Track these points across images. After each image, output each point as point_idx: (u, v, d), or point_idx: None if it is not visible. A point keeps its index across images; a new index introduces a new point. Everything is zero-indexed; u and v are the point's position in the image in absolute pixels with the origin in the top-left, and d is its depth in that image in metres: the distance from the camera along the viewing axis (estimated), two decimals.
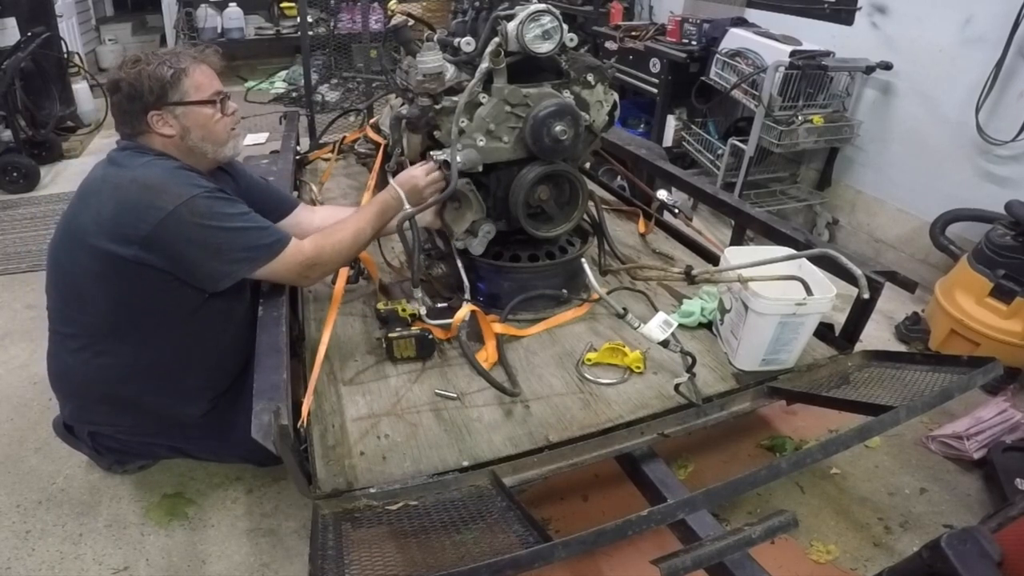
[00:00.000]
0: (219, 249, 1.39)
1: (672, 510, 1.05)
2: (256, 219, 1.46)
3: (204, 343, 1.57)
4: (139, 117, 1.43)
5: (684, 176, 2.28)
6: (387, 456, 1.33)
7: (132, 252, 1.36)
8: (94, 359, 1.54)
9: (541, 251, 1.79)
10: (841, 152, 3.10)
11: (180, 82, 1.43)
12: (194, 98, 1.45)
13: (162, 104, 1.43)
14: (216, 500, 1.77)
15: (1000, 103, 2.41)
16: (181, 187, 1.37)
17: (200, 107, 1.46)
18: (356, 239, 1.55)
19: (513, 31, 1.52)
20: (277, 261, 1.43)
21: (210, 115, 1.48)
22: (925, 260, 2.74)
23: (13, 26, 3.89)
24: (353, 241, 1.54)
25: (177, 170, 1.43)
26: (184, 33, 5.56)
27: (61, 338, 1.58)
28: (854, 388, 1.48)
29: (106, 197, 1.39)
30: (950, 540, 1.15)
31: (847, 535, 1.65)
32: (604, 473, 1.73)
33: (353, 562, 1.03)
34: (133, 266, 1.38)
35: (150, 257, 1.37)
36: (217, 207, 1.39)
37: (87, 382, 1.59)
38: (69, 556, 1.61)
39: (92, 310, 1.49)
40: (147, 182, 1.37)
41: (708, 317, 1.75)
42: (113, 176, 1.41)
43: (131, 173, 1.39)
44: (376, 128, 2.71)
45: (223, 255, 1.40)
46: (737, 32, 3.17)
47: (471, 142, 1.58)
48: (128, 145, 1.48)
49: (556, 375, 1.56)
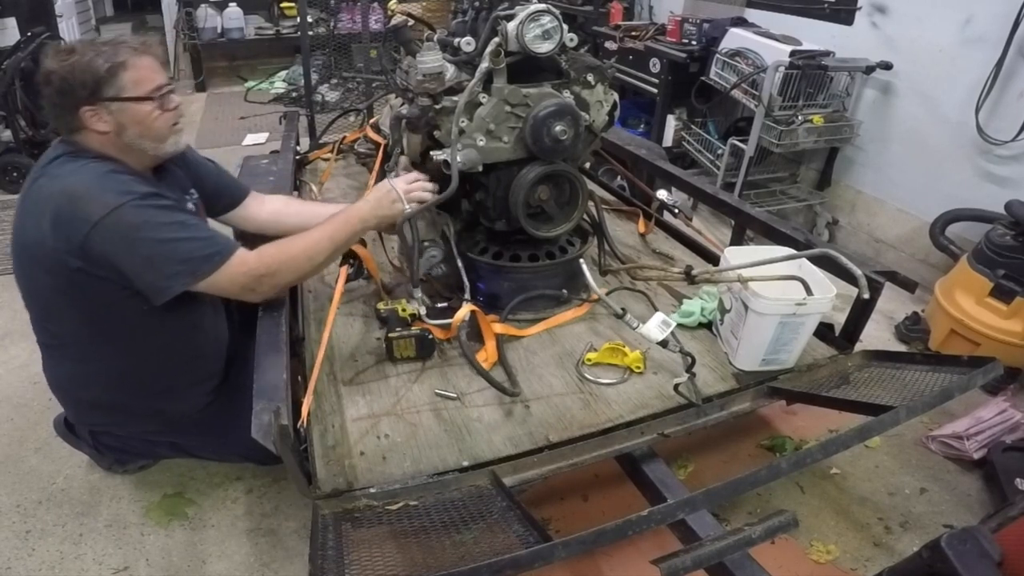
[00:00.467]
0: (152, 261, 1.30)
1: (672, 510, 1.05)
2: (195, 229, 1.37)
3: (181, 343, 1.53)
4: (72, 113, 1.33)
5: (684, 176, 2.28)
6: (387, 456, 1.33)
7: (77, 264, 1.31)
8: (78, 368, 1.54)
9: (541, 251, 1.79)
10: (841, 152, 3.10)
11: (116, 76, 1.32)
12: (131, 94, 1.34)
13: (96, 99, 1.32)
14: (216, 500, 1.77)
15: (1000, 103, 2.41)
16: (108, 195, 1.28)
17: (137, 104, 1.35)
18: (311, 255, 1.45)
19: (513, 31, 1.52)
20: (219, 274, 1.34)
21: (148, 112, 1.37)
22: (925, 260, 2.74)
23: (13, 26, 3.89)
24: (307, 258, 1.44)
25: (107, 175, 1.32)
26: (184, 33, 5.57)
27: (46, 349, 1.58)
28: (854, 388, 1.48)
29: (42, 210, 1.31)
30: (950, 540, 1.15)
31: (847, 535, 1.65)
32: (604, 473, 1.73)
33: (353, 562, 1.03)
34: (84, 276, 1.33)
35: (93, 268, 1.32)
36: (149, 216, 1.30)
37: (77, 390, 1.61)
38: (69, 556, 1.61)
39: (64, 322, 1.48)
40: (74, 192, 1.29)
41: (708, 317, 1.75)
42: (46, 187, 1.33)
43: (60, 184, 1.31)
44: (376, 128, 2.71)
45: (157, 268, 1.31)
46: (737, 32, 3.17)
47: (471, 142, 1.58)
48: (61, 151, 1.38)
49: (556, 375, 1.56)
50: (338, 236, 1.50)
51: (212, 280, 1.35)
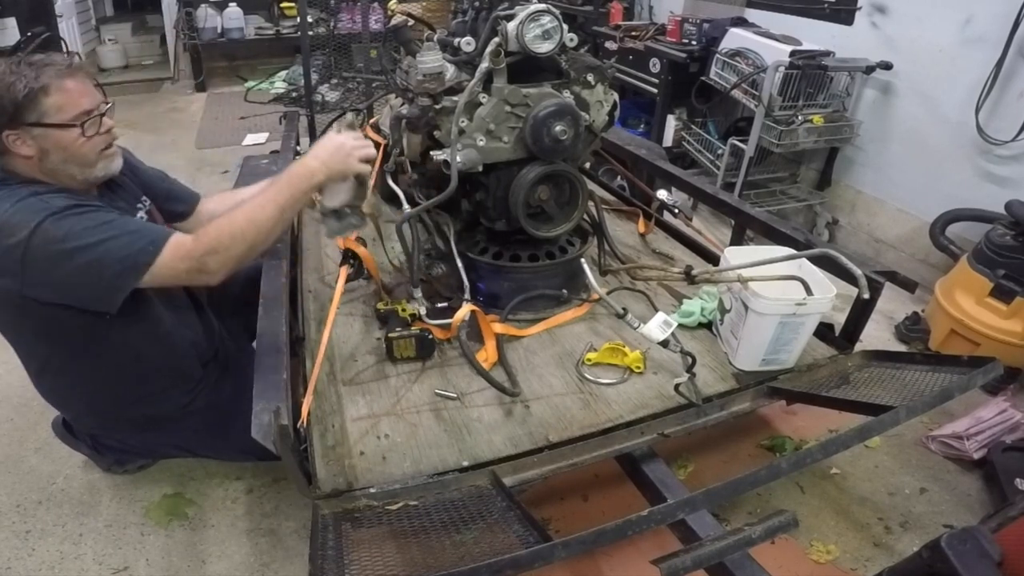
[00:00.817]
0: (88, 270, 1.25)
1: (672, 510, 1.04)
2: (122, 224, 1.31)
3: (146, 349, 1.51)
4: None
5: (684, 176, 2.27)
6: (387, 456, 1.33)
7: (21, 293, 1.28)
8: (57, 382, 1.55)
9: (541, 251, 1.79)
10: (841, 152, 3.10)
11: (37, 101, 1.26)
12: (53, 120, 1.28)
13: (16, 124, 1.26)
14: (216, 500, 1.77)
15: (1000, 103, 2.41)
16: (25, 217, 1.23)
17: (60, 130, 1.29)
18: (255, 220, 1.36)
19: (513, 31, 1.52)
20: (159, 264, 1.29)
21: (73, 138, 1.31)
22: (925, 260, 2.74)
23: (13, 26, 3.89)
24: (252, 225, 1.35)
25: (26, 200, 1.26)
26: (184, 33, 5.57)
27: (26, 365, 1.58)
28: (854, 388, 1.48)
29: None
30: (950, 540, 1.15)
31: (847, 535, 1.65)
32: (604, 473, 1.73)
33: (353, 562, 1.03)
34: (32, 303, 1.31)
35: (39, 294, 1.29)
36: (70, 225, 1.25)
37: (63, 402, 1.62)
38: (69, 556, 1.61)
39: (30, 345, 1.48)
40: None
41: (708, 317, 1.75)
42: None
43: None
44: (376, 128, 2.70)
45: (96, 274, 1.26)
46: (737, 32, 3.17)
47: (471, 142, 1.58)
48: None
49: (556, 375, 1.56)
50: (281, 196, 1.40)
51: (154, 271, 1.29)
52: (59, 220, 1.24)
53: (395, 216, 2.17)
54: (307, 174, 1.43)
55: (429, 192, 1.84)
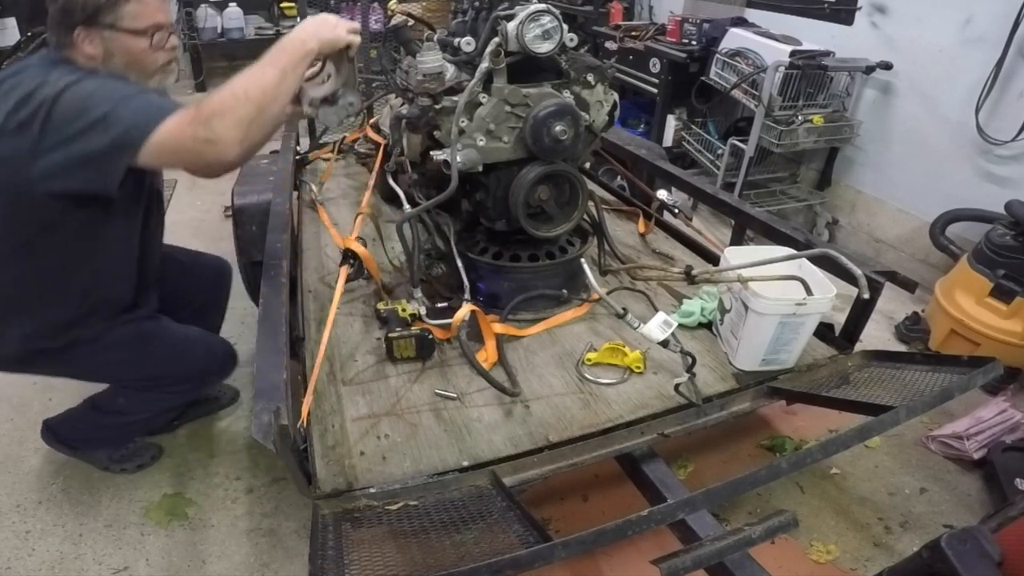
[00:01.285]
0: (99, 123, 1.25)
1: (672, 510, 1.04)
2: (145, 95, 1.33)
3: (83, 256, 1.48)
4: (67, 32, 1.36)
5: (684, 176, 2.27)
6: (387, 456, 1.33)
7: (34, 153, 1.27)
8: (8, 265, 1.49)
9: (541, 251, 1.79)
10: (841, 152, 3.10)
11: (117, 6, 1.35)
12: (127, 26, 1.37)
13: (92, 24, 1.35)
14: (216, 500, 1.77)
15: (1000, 103, 2.41)
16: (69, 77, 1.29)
17: (130, 36, 1.37)
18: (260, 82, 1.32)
19: (513, 31, 1.52)
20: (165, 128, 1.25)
21: (140, 47, 1.39)
22: (925, 260, 2.75)
23: (13, 26, 3.89)
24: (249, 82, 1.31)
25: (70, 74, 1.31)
26: (184, 33, 5.56)
27: None
28: (854, 388, 1.48)
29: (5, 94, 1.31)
30: (950, 540, 1.15)
31: (847, 535, 1.65)
32: (604, 473, 1.73)
33: (353, 562, 1.03)
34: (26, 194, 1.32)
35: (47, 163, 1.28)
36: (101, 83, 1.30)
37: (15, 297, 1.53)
38: (69, 556, 1.61)
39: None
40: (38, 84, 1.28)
41: (708, 317, 1.75)
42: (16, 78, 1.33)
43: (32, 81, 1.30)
44: (376, 128, 2.71)
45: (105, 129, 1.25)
46: (737, 32, 3.17)
47: (471, 142, 1.58)
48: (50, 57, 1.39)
49: (556, 375, 1.56)
50: (280, 61, 1.34)
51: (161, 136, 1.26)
52: (92, 79, 1.30)
53: (395, 216, 2.17)
54: (299, 42, 1.37)
55: (429, 192, 1.84)
